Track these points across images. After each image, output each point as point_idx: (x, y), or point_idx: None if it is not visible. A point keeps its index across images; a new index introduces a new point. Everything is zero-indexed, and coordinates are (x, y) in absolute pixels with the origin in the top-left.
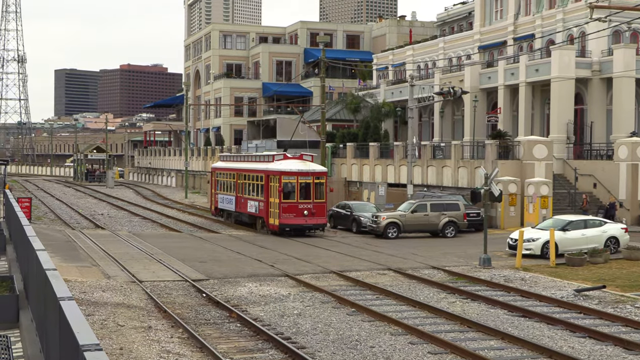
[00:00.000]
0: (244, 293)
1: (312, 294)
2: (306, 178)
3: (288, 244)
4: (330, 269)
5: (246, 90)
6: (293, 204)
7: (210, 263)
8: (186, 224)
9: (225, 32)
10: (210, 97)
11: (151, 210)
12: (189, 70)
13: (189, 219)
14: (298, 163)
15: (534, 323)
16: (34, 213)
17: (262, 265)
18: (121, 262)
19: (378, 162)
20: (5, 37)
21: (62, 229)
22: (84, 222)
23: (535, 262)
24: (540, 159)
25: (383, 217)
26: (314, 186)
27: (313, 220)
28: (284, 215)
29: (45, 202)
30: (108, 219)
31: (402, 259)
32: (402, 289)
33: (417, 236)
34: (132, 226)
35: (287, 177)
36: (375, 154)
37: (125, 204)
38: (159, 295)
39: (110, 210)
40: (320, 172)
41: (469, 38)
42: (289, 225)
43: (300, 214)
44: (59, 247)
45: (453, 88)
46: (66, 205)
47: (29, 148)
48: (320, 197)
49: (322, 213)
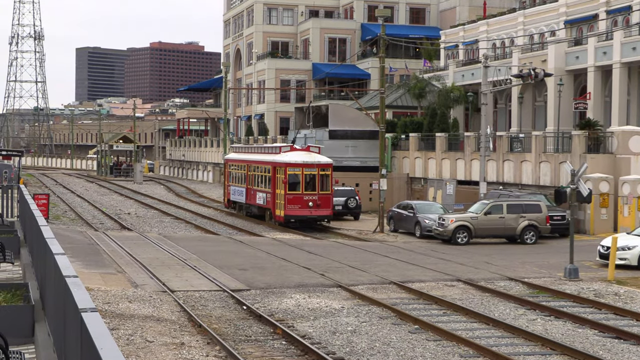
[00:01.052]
0: (291, 306)
1: (369, 307)
2: (311, 170)
3: (340, 249)
4: (389, 279)
5: (294, 72)
6: (298, 196)
7: (252, 271)
8: (224, 225)
9: (270, 5)
10: (252, 80)
11: (185, 210)
12: (228, 49)
13: (228, 220)
14: (304, 155)
15: (630, 346)
16: (52, 212)
17: (311, 273)
18: (150, 269)
19: (446, 156)
20: (19, 10)
21: (83, 230)
22: (109, 222)
23: (631, 274)
24: (638, 153)
25: (451, 219)
26: (319, 178)
27: (318, 211)
28: (289, 207)
29: (64, 199)
30: (136, 219)
31: (473, 268)
32: (474, 303)
33: (491, 242)
34: (163, 227)
35: (293, 168)
36: (443, 146)
37: (156, 202)
38: (193, 307)
39: (138, 209)
40: (326, 163)
41: (554, 11)
42: (294, 216)
43: (305, 205)
44: (80, 251)
45: (534, 70)
46: (88, 203)
47: (47, 137)
48: (326, 189)
49: (327, 204)
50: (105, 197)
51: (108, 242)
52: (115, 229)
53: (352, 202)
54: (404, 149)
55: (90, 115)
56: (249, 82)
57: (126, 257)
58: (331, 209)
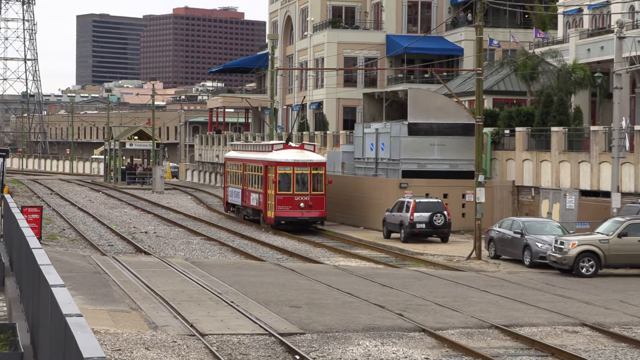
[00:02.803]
0: (358, 356)
1: (463, 359)
2: (303, 169)
3: (423, 282)
4: (489, 321)
5: (362, 47)
6: (289, 196)
7: (307, 308)
8: (271, 248)
9: None
10: (307, 57)
11: (218, 227)
12: (275, 17)
13: (276, 241)
14: (295, 153)
15: None
16: (46, 229)
17: (385, 313)
18: (174, 305)
19: (565, 158)
20: None
21: (86, 254)
22: (120, 243)
23: None
24: None
25: (573, 243)
26: (312, 177)
27: (310, 213)
28: (279, 208)
29: (62, 213)
30: (155, 240)
31: (603, 308)
32: (604, 356)
33: (628, 273)
34: (191, 250)
35: (283, 167)
36: (561, 145)
37: (181, 217)
38: (229, 356)
39: (159, 227)
40: (318, 162)
41: None
42: (284, 218)
43: (296, 206)
44: (83, 282)
45: None
46: (93, 219)
47: (39, 132)
48: (318, 189)
49: (320, 205)
50: (115, 210)
51: (119, 270)
52: (129, 253)
53: (439, 219)
54: (508, 149)
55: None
56: (303, 60)
57: (142, 289)
58: (324, 210)
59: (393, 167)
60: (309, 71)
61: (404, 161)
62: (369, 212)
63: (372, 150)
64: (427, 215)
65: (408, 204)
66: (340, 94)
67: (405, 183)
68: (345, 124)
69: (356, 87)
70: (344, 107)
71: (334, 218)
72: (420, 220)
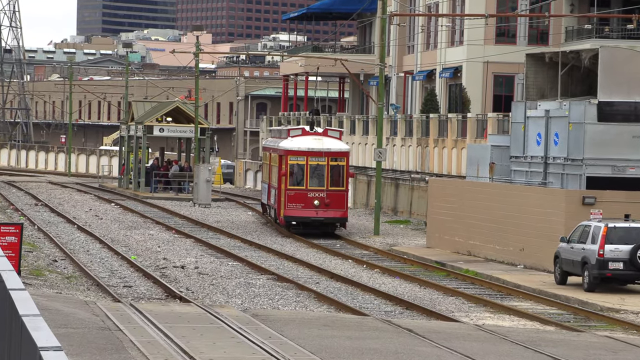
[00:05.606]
0: None
1: None
2: (318, 159)
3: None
4: None
5: None
6: (301, 192)
7: None
8: (375, 294)
9: None
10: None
11: (292, 260)
12: None
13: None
14: (311, 140)
15: None
16: (28, 260)
17: None
18: None
19: None
20: None
21: (90, 299)
22: (142, 283)
23: None
24: None
25: None
26: (329, 170)
27: (326, 212)
28: (289, 206)
29: (53, 234)
30: (196, 279)
31: None
32: None
33: None
34: (252, 296)
35: (295, 157)
36: None
37: (238, 244)
38: None
39: (202, 258)
40: (338, 151)
41: None
42: (295, 217)
43: (309, 204)
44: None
45: None
46: (101, 244)
47: (19, 108)
48: (338, 184)
49: (339, 204)
50: (135, 232)
51: (140, 326)
52: (155, 299)
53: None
54: None
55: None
56: (432, 2)
57: (177, 356)
58: (345, 210)
59: (572, 172)
60: (440, 19)
61: (590, 162)
62: (532, 243)
63: (538, 145)
64: (627, 249)
65: (596, 230)
66: (488, 55)
67: (591, 197)
68: (496, 103)
69: (515, 45)
70: (494, 76)
71: (476, 250)
72: (615, 256)
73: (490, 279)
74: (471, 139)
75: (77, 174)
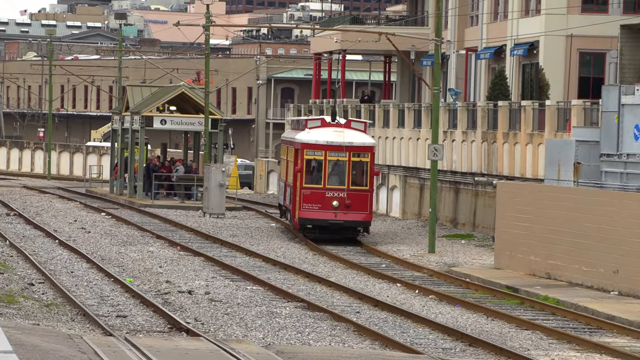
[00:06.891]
0: None
1: None
2: (339, 154)
3: None
4: None
5: None
6: (318, 191)
7: None
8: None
9: None
10: None
11: (326, 283)
12: None
13: (440, 314)
14: (331, 132)
15: None
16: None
17: None
18: None
19: None
20: None
21: (75, 332)
22: (139, 312)
23: None
24: None
25: None
26: (350, 166)
27: (347, 215)
28: (305, 206)
29: (28, 251)
30: (207, 307)
31: None
32: None
33: None
34: (276, 330)
35: (311, 151)
36: None
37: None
38: None
39: (214, 282)
40: (361, 146)
41: None
42: (310, 220)
43: (327, 205)
44: None
45: None
46: (88, 263)
47: None
48: (361, 183)
49: (362, 206)
50: (131, 248)
51: None
52: (157, 332)
53: None
54: None
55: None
56: None
57: None
58: (369, 213)
59: None
60: None
61: None
62: (629, 263)
63: (636, 140)
64: None
65: None
66: (575, 27)
67: None
68: (582, 87)
69: (607, 14)
70: (580, 54)
71: (557, 272)
72: None
73: (575, 309)
74: (550, 132)
75: (58, 176)
